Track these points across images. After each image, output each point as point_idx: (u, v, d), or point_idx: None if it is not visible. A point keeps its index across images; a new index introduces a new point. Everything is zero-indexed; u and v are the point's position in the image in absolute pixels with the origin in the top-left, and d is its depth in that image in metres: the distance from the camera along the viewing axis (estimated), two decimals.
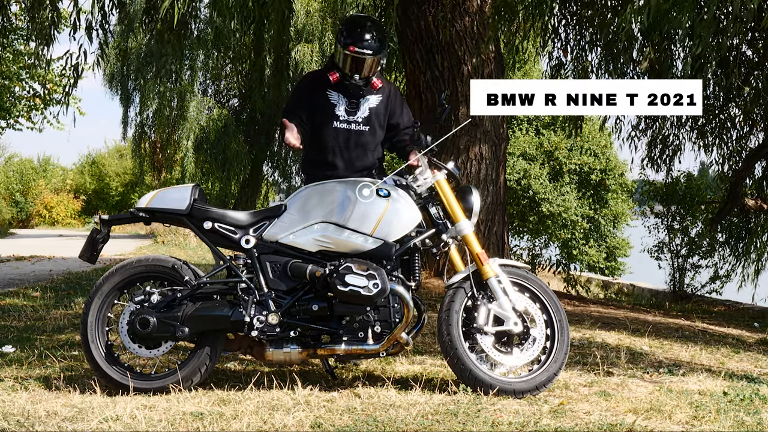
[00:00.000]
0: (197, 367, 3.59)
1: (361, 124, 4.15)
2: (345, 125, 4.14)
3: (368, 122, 4.16)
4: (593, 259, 14.36)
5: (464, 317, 3.66)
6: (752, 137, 9.41)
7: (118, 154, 36.65)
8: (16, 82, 17.84)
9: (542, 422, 3.12)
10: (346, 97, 4.15)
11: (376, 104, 4.18)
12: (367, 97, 4.16)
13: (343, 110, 4.15)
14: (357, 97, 4.15)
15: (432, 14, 6.98)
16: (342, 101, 4.16)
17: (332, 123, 4.14)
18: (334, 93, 4.16)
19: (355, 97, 4.15)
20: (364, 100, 4.16)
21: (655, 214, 12.08)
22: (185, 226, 3.74)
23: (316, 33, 18.39)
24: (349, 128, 4.14)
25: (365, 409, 3.29)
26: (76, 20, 6.27)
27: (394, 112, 4.23)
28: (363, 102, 4.16)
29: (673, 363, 4.46)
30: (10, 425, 3.06)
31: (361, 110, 4.16)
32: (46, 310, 6.26)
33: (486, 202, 7.00)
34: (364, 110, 4.16)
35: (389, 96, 4.22)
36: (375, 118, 4.18)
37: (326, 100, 4.15)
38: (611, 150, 14.50)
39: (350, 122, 4.15)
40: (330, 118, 4.14)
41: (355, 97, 4.15)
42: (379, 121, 4.19)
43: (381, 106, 4.18)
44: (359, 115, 4.15)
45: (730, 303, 10.68)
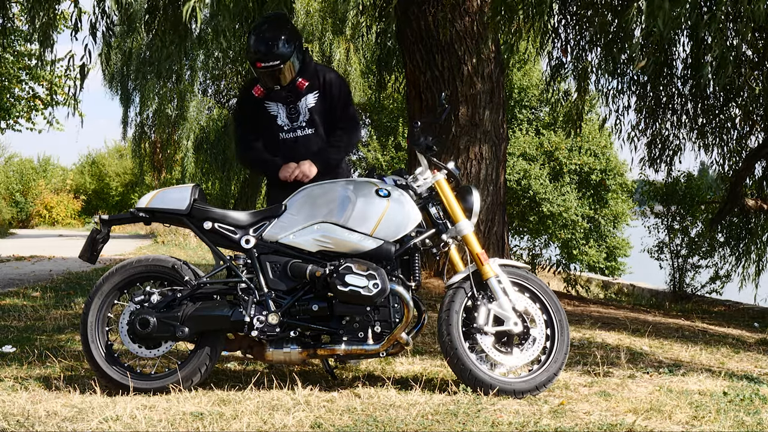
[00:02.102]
0: (197, 367, 3.58)
1: (306, 128, 4.09)
2: (290, 134, 4.09)
3: (312, 124, 4.10)
4: (593, 259, 14.37)
5: (464, 317, 3.66)
6: (752, 137, 9.42)
7: (118, 154, 36.67)
8: (16, 83, 17.84)
9: (542, 422, 3.12)
10: (284, 104, 4.08)
11: (314, 102, 4.10)
12: (304, 97, 4.08)
13: (284, 119, 4.08)
14: (294, 101, 4.07)
15: (432, 14, 6.98)
16: (281, 110, 4.09)
17: (278, 135, 4.09)
18: (272, 104, 4.09)
19: (292, 102, 4.07)
20: (301, 103, 4.09)
21: (655, 214, 12.09)
22: (185, 226, 3.74)
23: (316, 33, 18.40)
24: (295, 136, 4.09)
25: (365, 409, 3.29)
26: (78, 21, 6.27)
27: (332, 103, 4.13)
28: (301, 104, 4.09)
29: (673, 363, 4.46)
30: (10, 425, 3.06)
31: (302, 114, 4.09)
32: (46, 310, 6.26)
33: (486, 202, 7.00)
34: (304, 113, 4.09)
35: (323, 87, 4.11)
36: (318, 117, 4.10)
37: (266, 111, 4.09)
38: (611, 150, 14.52)
39: (294, 129, 4.09)
40: (274, 131, 4.09)
41: (292, 102, 4.07)
42: (322, 119, 4.12)
43: (319, 103, 4.11)
44: (301, 120, 4.09)
45: (730, 303, 10.68)
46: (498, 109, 7.21)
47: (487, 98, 7.12)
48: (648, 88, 8.99)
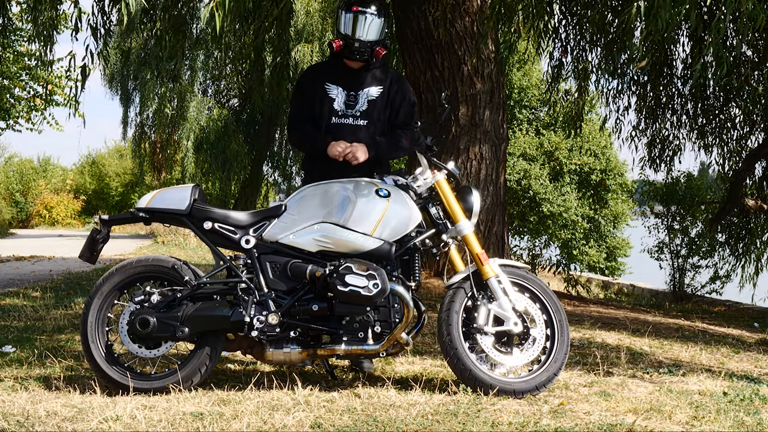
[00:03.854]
0: (197, 367, 3.58)
1: (359, 118, 4.07)
2: (343, 120, 4.06)
3: (367, 116, 4.07)
4: (593, 260, 14.36)
5: (464, 317, 3.66)
6: (752, 137, 9.41)
7: (118, 154, 36.65)
8: (17, 82, 17.84)
9: (542, 422, 3.12)
10: (345, 89, 4.07)
11: (376, 96, 4.08)
12: (367, 89, 4.07)
13: (341, 104, 4.06)
14: (356, 89, 4.06)
15: (432, 14, 6.98)
16: (341, 94, 4.07)
17: (330, 118, 4.06)
18: (333, 87, 4.08)
19: (353, 89, 4.06)
20: (362, 93, 4.07)
21: (655, 215, 12.09)
22: (185, 226, 3.74)
23: (316, 33, 18.40)
24: (347, 122, 4.06)
25: (365, 409, 3.29)
26: (78, 21, 6.27)
27: (392, 106, 4.12)
28: (361, 95, 4.07)
29: (673, 363, 4.46)
30: (10, 425, 3.06)
31: (360, 103, 4.07)
32: (46, 310, 6.26)
33: (486, 203, 7.00)
34: (362, 103, 4.07)
35: (390, 86, 4.11)
36: (374, 111, 4.08)
37: (325, 94, 4.07)
38: (611, 150, 14.51)
39: (348, 116, 4.06)
40: (328, 113, 4.07)
41: (353, 89, 4.06)
42: (378, 114, 4.09)
43: (381, 98, 4.09)
44: (357, 109, 4.06)
45: (730, 303, 10.68)
46: (498, 109, 7.22)
47: (487, 98, 7.13)
48: (648, 88, 8.99)
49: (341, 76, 4.09)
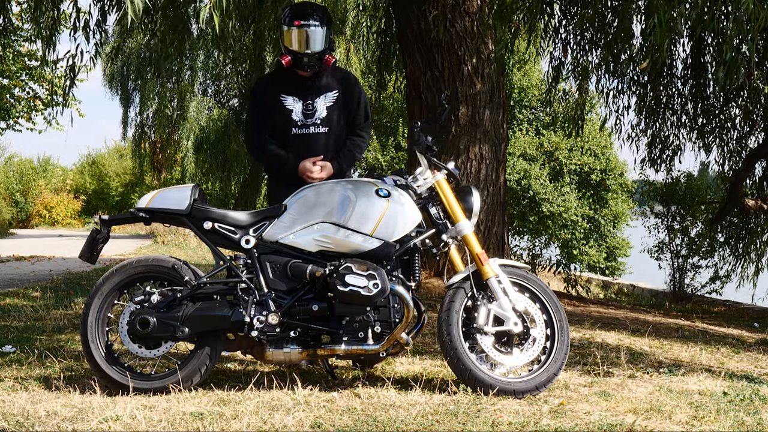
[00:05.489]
0: (197, 367, 3.58)
1: (320, 126, 4.07)
2: (304, 130, 4.06)
3: (328, 122, 4.08)
4: (593, 259, 14.37)
5: (464, 317, 3.66)
6: (752, 137, 9.41)
7: (118, 154, 36.63)
8: (17, 81, 17.84)
9: (542, 422, 3.12)
10: (300, 99, 4.06)
11: (333, 101, 4.09)
12: (323, 95, 4.08)
13: (299, 114, 4.06)
14: (312, 98, 4.06)
15: (432, 14, 6.98)
16: (297, 104, 4.07)
17: (291, 130, 4.07)
18: (288, 97, 4.07)
19: (310, 98, 4.06)
20: (319, 100, 4.08)
21: (655, 214, 12.09)
22: (185, 226, 3.74)
23: None
24: (308, 132, 4.07)
25: (365, 409, 3.29)
26: (77, 21, 6.26)
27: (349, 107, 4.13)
28: (318, 102, 4.07)
29: (673, 363, 4.46)
30: (10, 425, 3.06)
31: (318, 111, 4.07)
32: (46, 310, 6.26)
33: (486, 202, 7.00)
34: (321, 111, 4.08)
35: (344, 89, 4.11)
36: (333, 116, 4.08)
37: (282, 105, 4.07)
38: (611, 150, 14.52)
39: (308, 125, 4.06)
40: (287, 126, 4.07)
41: (310, 98, 4.06)
42: (338, 119, 4.09)
43: (337, 102, 4.10)
44: (317, 117, 4.07)
45: (730, 303, 10.68)
46: (498, 109, 7.22)
47: (487, 98, 7.13)
48: (648, 88, 8.98)
49: (295, 87, 4.08)
